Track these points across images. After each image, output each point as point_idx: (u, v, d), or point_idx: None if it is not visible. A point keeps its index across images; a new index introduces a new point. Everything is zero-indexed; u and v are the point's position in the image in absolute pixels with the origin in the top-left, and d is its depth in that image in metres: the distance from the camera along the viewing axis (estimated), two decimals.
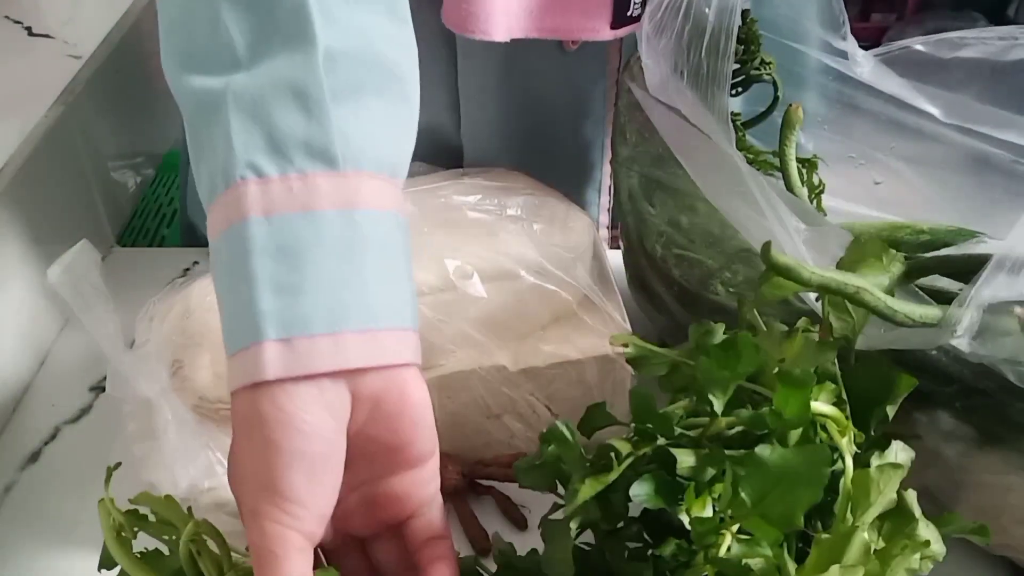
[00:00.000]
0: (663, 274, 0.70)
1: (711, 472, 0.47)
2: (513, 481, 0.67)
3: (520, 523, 0.67)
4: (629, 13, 0.72)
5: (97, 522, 0.68)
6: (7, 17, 1.00)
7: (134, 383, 0.63)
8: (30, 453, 0.74)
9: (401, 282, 0.50)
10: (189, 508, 0.54)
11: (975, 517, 0.57)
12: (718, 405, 0.48)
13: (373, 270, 0.48)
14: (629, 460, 0.48)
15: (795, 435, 0.48)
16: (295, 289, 0.45)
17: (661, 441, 0.49)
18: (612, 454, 0.48)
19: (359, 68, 0.49)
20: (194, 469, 0.62)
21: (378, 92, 0.51)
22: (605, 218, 0.91)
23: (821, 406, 0.49)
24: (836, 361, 0.52)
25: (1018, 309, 0.49)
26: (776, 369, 0.50)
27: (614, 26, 0.73)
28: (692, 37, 0.61)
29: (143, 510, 0.53)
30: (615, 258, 0.79)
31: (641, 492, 0.47)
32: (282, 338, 0.45)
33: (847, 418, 0.50)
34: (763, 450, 0.46)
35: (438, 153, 0.84)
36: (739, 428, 0.49)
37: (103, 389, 0.78)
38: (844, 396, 0.51)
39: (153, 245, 1.07)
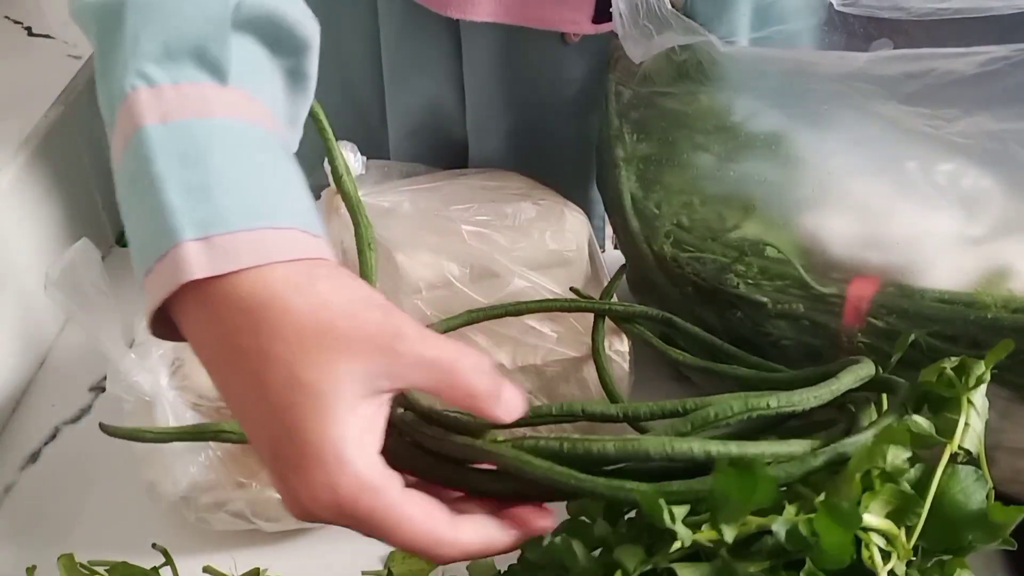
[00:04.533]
0: (673, 274, 0.70)
1: None
2: None
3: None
4: (611, 7, 0.72)
5: (97, 522, 0.69)
6: (7, 17, 1.00)
7: (134, 383, 0.63)
8: (30, 453, 0.74)
9: (303, 193, 0.48)
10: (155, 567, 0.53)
11: (1011, 476, 0.57)
12: (729, 534, 0.44)
13: (277, 175, 0.47)
14: (638, 572, 0.45)
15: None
16: (205, 188, 0.43)
17: (675, 547, 0.44)
18: (619, 572, 0.45)
19: (264, 18, 0.50)
20: (194, 468, 0.62)
21: (274, 44, 0.52)
22: None
23: (873, 519, 0.43)
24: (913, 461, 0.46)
25: None
26: None
27: (595, 20, 0.73)
28: None
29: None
30: (615, 256, 0.79)
31: None
32: (200, 237, 0.43)
33: (908, 529, 0.44)
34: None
35: (445, 147, 0.84)
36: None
37: (103, 389, 0.78)
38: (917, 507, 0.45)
39: None
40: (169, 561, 0.58)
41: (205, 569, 0.59)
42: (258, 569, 0.60)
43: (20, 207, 0.81)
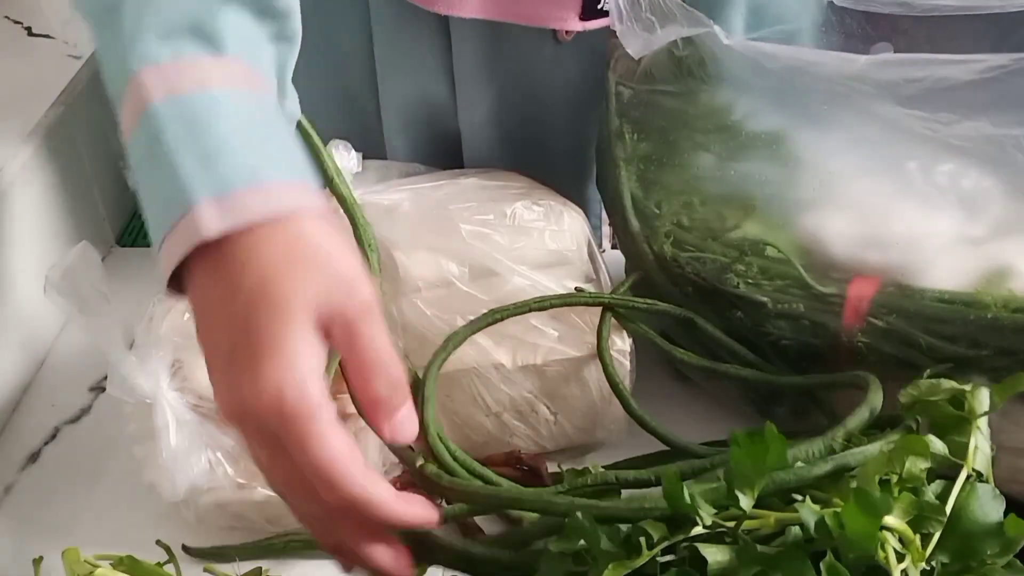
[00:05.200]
0: (674, 274, 0.70)
1: (745, 572, 0.44)
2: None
3: (515, 522, 0.67)
4: (600, 5, 0.72)
5: (97, 522, 0.69)
6: (7, 17, 1.00)
7: (134, 383, 0.63)
8: (30, 453, 0.74)
9: (300, 152, 0.52)
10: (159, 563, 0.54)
11: (1011, 476, 0.58)
12: (746, 502, 0.45)
13: (275, 136, 0.51)
14: (661, 546, 0.46)
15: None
16: (213, 153, 0.47)
17: (697, 530, 0.46)
18: (643, 538, 0.46)
19: None
20: (194, 469, 0.62)
21: (259, 12, 0.54)
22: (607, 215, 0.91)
23: (889, 519, 0.44)
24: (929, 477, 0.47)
25: None
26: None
27: (583, 17, 0.74)
28: None
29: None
30: (614, 256, 0.79)
31: None
32: (215, 196, 0.46)
33: (922, 535, 0.45)
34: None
35: (438, 142, 0.84)
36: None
37: (103, 389, 0.78)
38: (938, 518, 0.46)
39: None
40: (172, 558, 0.58)
41: (206, 569, 0.59)
42: (259, 569, 0.60)
43: (20, 207, 0.80)
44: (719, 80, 0.70)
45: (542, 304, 0.68)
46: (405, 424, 0.48)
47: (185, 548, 0.64)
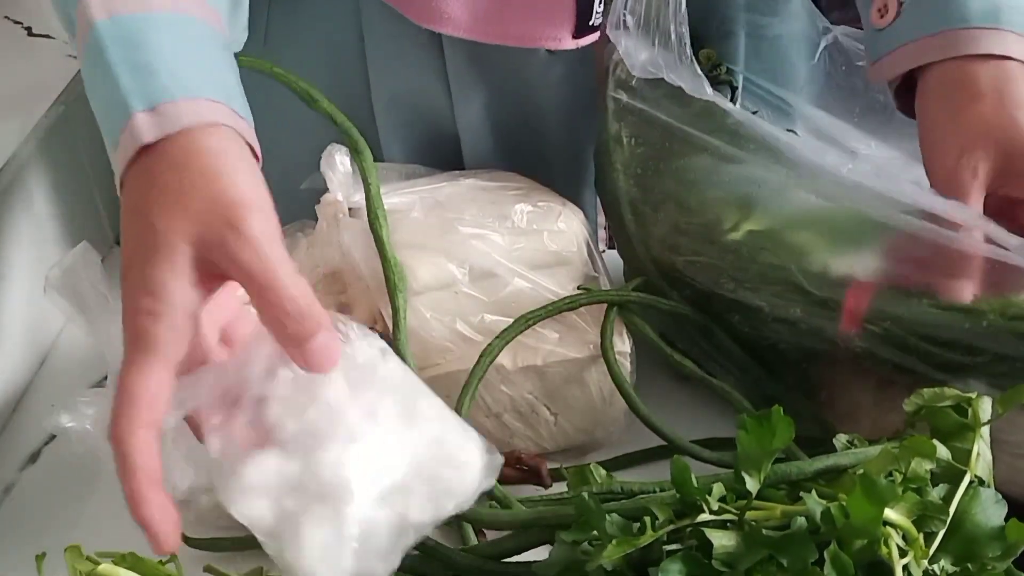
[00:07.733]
0: (671, 277, 0.70)
1: (751, 558, 0.45)
2: (507, 483, 0.67)
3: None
4: (591, 22, 0.73)
5: (97, 522, 0.69)
6: (7, 17, 1.00)
7: None
8: (30, 453, 0.75)
9: (232, 77, 0.54)
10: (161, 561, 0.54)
11: (1010, 476, 0.58)
12: (752, 484, 0.46)
13: (209, 58, 0.53)
14: (667, 528, 0.46)
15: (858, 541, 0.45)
16: (149, 68, 0.50)
17: (703, 517, 0.46)
18: (648, 518, 0.47)
19: None
20: (194, 470, 0.62)
21: None
22: (603, 218, 0.91)
23: (893, 514, 0.45)
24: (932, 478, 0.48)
25: None
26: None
27: (576, 35, 0.74)
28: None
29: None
30: (613, 256, 0.79)
31: (671, 573, 0.45)
32: (148, 108, 0.48)
33: (925, 535, 0.46)
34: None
35: (435, 144, 0.84)
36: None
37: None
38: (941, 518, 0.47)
39: None
40: (173, 557, 0.58)
41: (206, 569, 0.59)
42: (260, 568, 0.60)
43: (20, 207, 0.81)
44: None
45: (571, 304, 0.68)
46: (319, 353, 0.47)
47: (184, 538, 0.64)
